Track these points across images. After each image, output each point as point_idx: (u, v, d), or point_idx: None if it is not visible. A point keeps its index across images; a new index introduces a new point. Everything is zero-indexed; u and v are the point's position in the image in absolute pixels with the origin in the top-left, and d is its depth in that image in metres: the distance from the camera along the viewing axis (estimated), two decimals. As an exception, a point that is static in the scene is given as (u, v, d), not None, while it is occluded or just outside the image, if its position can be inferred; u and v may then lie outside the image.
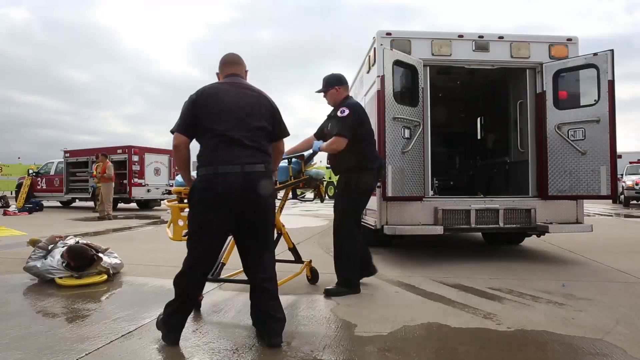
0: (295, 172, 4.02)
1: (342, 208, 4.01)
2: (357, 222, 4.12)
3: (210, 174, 2.69)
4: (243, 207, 2.70)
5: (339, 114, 3.90)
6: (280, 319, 2.78)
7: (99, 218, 12.23)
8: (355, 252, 3.99)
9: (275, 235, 3.88)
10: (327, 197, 4.52)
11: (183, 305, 2.75)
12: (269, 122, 2.87)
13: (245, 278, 2.93)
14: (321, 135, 4.24)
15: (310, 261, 4.26)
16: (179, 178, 3.52)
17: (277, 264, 2.93)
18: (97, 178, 12.82)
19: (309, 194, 4.60)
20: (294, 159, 4.01)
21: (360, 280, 4.04)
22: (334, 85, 4.10)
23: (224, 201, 2.66)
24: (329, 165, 4.34)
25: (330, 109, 4.22)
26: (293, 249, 4.11)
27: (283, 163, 3.85)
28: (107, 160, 12.98)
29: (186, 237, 2.81)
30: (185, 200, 3.12)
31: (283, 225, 3.92)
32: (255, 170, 2.71)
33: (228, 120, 2.73)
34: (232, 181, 2.65)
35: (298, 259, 4.12)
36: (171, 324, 2.74)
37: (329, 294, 3.83)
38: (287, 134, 3.06)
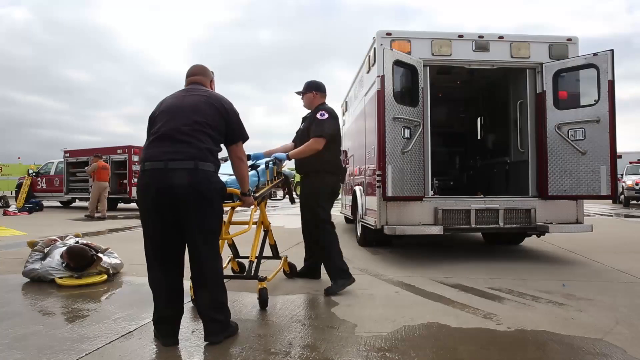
0: (277, 172, 4.23)
1: (325, 209, 4.10)
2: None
3: (140, 171, 2.73)
4: (169, 204, 2.58)
5: (318, 116, 4.02)
6: (214, 320, 2.68)
7: (87, 216, 12.33)
8: (337, 243, 4.04)
9: (263, 233, 3.91)
10: (295, 195, 4.69)
11: (166, 309, 2.71)
12: (216, 121, 2.73)
13: (244, 274, 2.90)
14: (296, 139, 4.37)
15: (287, 257, 4.42)
16: None
17: (267, 261, 2.88)
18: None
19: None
20: (277, 161, 4.18)
21: (360, 281, 4.04)
22: (312, 90, 4.29)
23: (148, 198, 2.63)
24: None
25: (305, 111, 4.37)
26: (273, 246, 4.29)
27: (270, 164, 4.01)
28: (100, 160, 13.03)
29: None
30: None
31: (269, 223, 4.02)
32: (181, 167, 2.56)
33: (165, 119, 2.71)
34: (153, 178, 2.61)
35: (276, 255, 4.33)
36: (161, 331, 2.72)
37: (329, 293, 3.84)
38: (244, 137, 2.89)
